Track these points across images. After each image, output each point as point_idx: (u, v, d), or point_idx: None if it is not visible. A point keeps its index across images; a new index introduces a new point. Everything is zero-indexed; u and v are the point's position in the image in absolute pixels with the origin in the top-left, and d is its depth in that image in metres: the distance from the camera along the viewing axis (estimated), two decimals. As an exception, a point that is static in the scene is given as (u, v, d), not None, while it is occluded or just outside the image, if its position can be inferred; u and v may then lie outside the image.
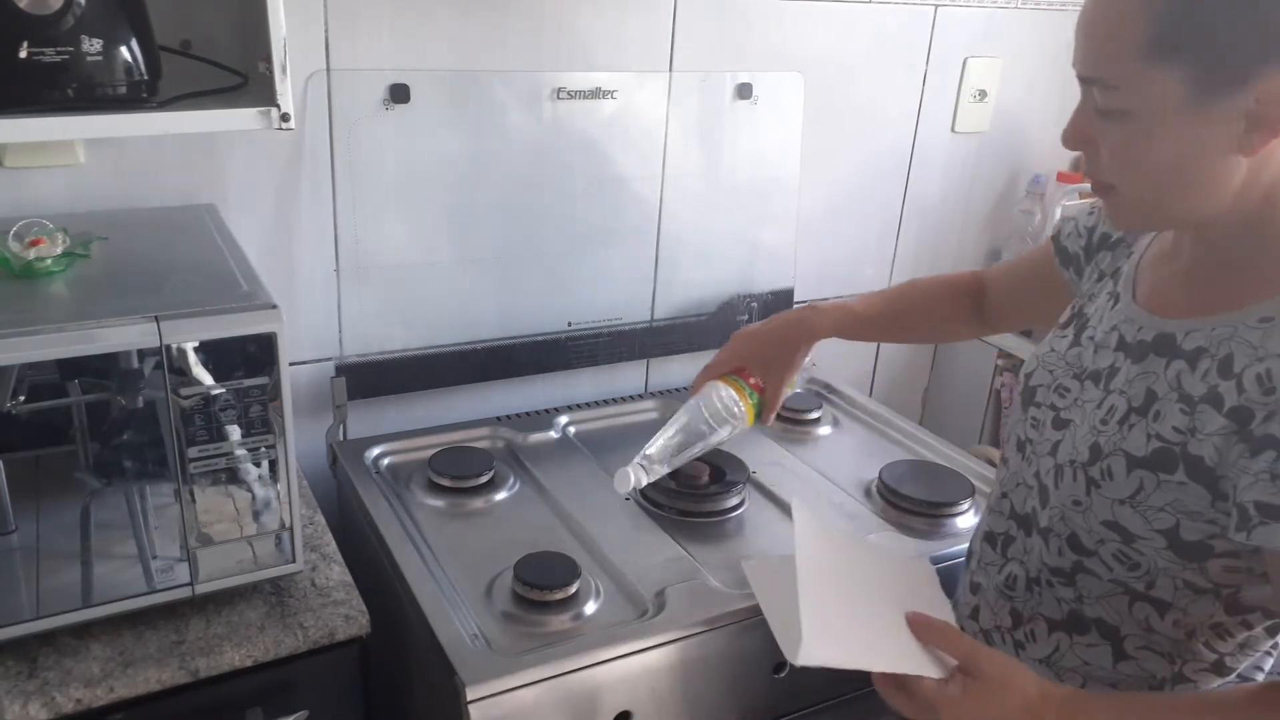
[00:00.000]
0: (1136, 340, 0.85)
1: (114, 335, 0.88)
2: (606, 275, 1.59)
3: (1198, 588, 0.81)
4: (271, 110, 1.04)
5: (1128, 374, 0.84)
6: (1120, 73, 0.72)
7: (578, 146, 1.49)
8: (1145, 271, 0.89)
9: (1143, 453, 0.80)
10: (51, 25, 0.93)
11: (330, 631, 1.03)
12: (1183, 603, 0.82)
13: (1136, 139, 0.74)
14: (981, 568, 1.00)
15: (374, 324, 1.44)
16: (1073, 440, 0.87)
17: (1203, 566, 0.79)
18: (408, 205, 1.41)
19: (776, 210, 1.70)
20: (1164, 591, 0.82)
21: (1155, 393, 0.81)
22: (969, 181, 1.92)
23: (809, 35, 1.63)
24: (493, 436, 1.50)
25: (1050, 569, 0.90)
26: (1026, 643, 0.93)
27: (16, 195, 1.18)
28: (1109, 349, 0.88)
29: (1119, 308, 0.89)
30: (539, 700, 1.00)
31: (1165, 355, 0.82)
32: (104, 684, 0.93)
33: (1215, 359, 0.77)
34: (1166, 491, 0.78)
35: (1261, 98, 0.69)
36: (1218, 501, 0.76)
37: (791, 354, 1.13)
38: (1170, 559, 0.80)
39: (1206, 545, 0.78)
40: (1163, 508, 0.79)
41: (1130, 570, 0.83)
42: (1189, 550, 0.79)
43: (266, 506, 1.00)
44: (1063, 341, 0.95)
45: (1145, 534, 0.81)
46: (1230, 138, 0.71)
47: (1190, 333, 0.80)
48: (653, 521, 1.29)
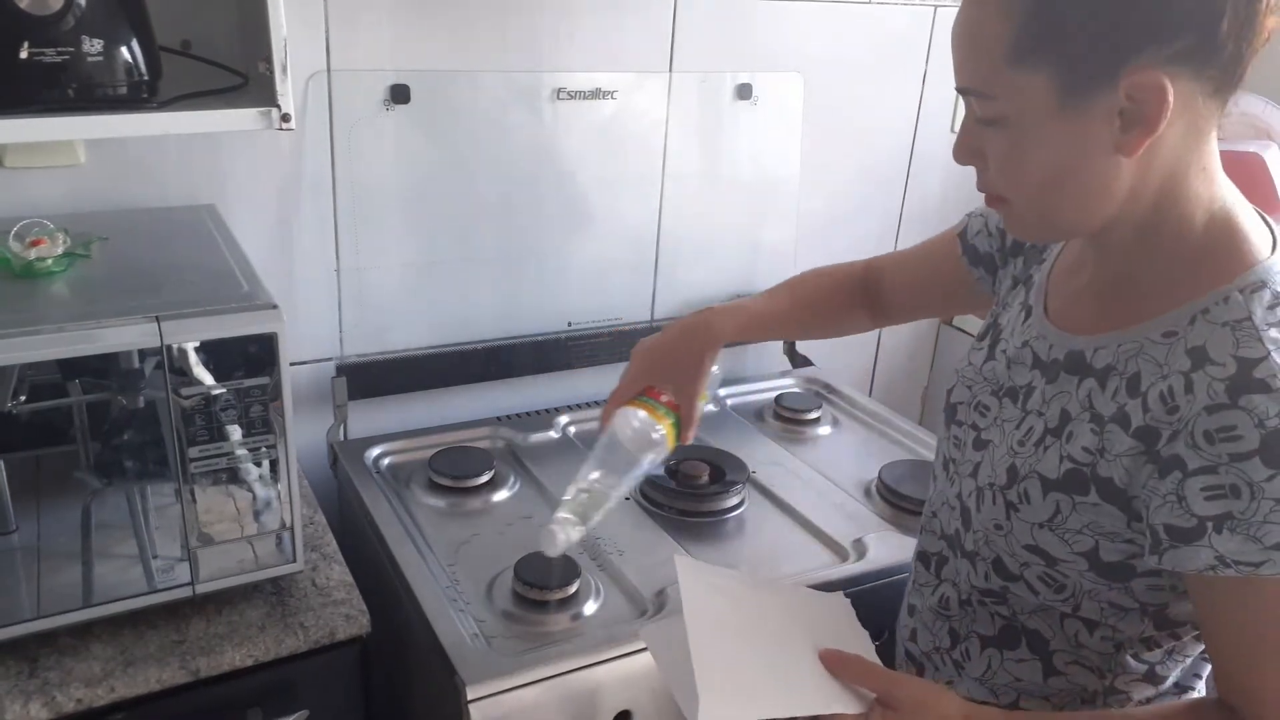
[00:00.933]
0: (1050, 359, 0.84)
1: (114, 335, 0.89)
2: (606, 275, 1.59)
3: (1124, 607, 0.80)
4: (272, 110, 1.04)
5: (1043, 394, 0.83)
6: (990, 80, 0.72)
7: (578, 146, 1.49)
8: (1055, 284, 0.88)
9: (1055, 475, 0.79)
10: (52, 25, 0.93)
11: (331, 631, 1.03)
12: (1111, 620, 0.81)
13: (1016, 146, 0.73)
14: (916, 589, 0.98)
15: (374, 324, 1.44)
16: (991, 462, 0.86)
17: (1127, 586, 0.78)
18: (408, 205, 1.41)
19: (776, 210, 1.70)
20: (1091, 612, 0.81)
21: (1069, 413, 0.80)
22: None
23: (809, 35, 1.63)
24: (493, 436, 1.50)
25: (980, 590, 0.88)
26: (964, 661, 0.92)
27: (17, 195, 1.19)
28: (1024, 366, 0.86)
29: (1030, 322, 0.88)
30: (539, 700, 1.00)
31: (1076, 374, 0.80)
32: (105, 683, 0.93)
33: (1124, 377, 0.76)
34: (1082, 513, 0.77)
35: (1131, 93, 0.67)
36: (1133, 522, 0.75)
37: (698, 362, 1.02)
38: (1094, 580, 0.79)
39: (1128, 565, 0.77)
40: (1080, 530, 0.78)
41: (1056, 593, 0.82)
42: (1111, 571, 0.78)
43: (267, 506, 1.00)
44: (979, 355, 0.93)
45: (1066, 557, 0.79)
46: (1107, 138, 0.70)
47: (1099, 350, 0.79)
48: (653, 521, 1.29)
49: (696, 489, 1.32)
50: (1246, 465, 0.67)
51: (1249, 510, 0.67)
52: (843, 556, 1.23)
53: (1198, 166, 0.73)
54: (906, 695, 0.80)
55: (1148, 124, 0.68)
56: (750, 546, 1.25)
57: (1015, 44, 0.69)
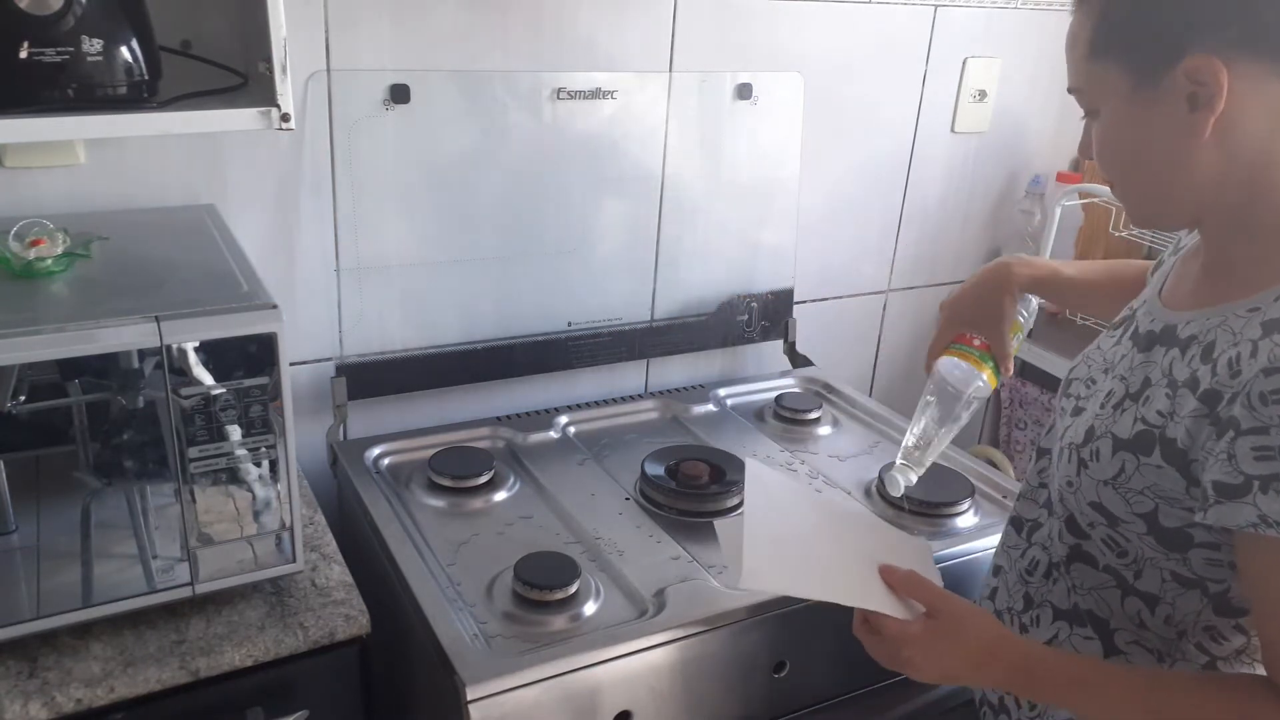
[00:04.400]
0: (1147, 330, 0.88)
1: (114, 335, 0.89)
2: (606, 275, 1.59)
3: (1183, 580, 0.82)
4: (272, 110, 1.04)
5: (1131, 362, 0.87)
6: (1080, 75, 0.82)
7: (578, 146, 1.49)
8: (1175, 268, 0.92)
9: (1127, 435, 0.82)
10: (52, 25, 0.93)
11: (330, 631, 1.03)
12: (1170, 596, 0.83)
13: (1105, 133, 0.81)
14: (1004, 551, 1.02)
15: (374, 324, 1.44)
16: (1077, 425, 0.90)
17: (1185, 557, 0.81)
18: (408, 205, 1.41)
19: (776, 210, 1.70)
20: (1151, 583, 0.84)
21: (1150, 379, 0.83)
22: (969, 181, 1.92)
23: (809, 35, 1.63)
24: (493, 436, 1.50)
25: (1056, 556, 0.92)
26: (1031, 626, 0.95)
27: (17, 195, 1.19)
28: (1128, 339, 0.91)
29: (1146, 302, 0.92)
30: (539, 700, 1.00)
31: (1165, 345, 0.84)
32: (104, 684, 0.93)
33: (1201, 345, 0.80)
34: (1145, 475, 0.80)
35: (1190, 76, 0.74)
36: (1191, 487, 0.77)
37: (999, 304, 1.11)
38: (1153, 546, 0.82)
39: (1185, 533, 0.79)
40: (1142, 491, 0.81)
41: (1119, 557, 0.85)
42: (1169, 538, 0.80)
43: (267, 506, 1.00)
44: (1109, 339, 0.97)
45: (1127, 517, 0.82)
46: (1178, 121, 0.76)
47: (1189, 323, 0.83)
48: (653, 521, 1.29)
49: (696, 489, 1.32)
50: None
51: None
52: (843, 556, 1.23)
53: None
54: (949, 609, 0.87)
55: (1210, 105, 0.74)
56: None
57: (1092, 41, 0.79)
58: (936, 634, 0.86)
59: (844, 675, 1.22)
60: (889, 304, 1.93)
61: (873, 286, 1.91)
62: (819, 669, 1.19)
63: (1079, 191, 1.81)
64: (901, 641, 0.86)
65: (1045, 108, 1.94)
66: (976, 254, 2.00)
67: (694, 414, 1.60)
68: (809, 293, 1.82)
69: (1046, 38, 1.87)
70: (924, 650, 0.86)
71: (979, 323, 1.11)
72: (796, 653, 1.16)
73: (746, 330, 1.74)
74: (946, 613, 0.87)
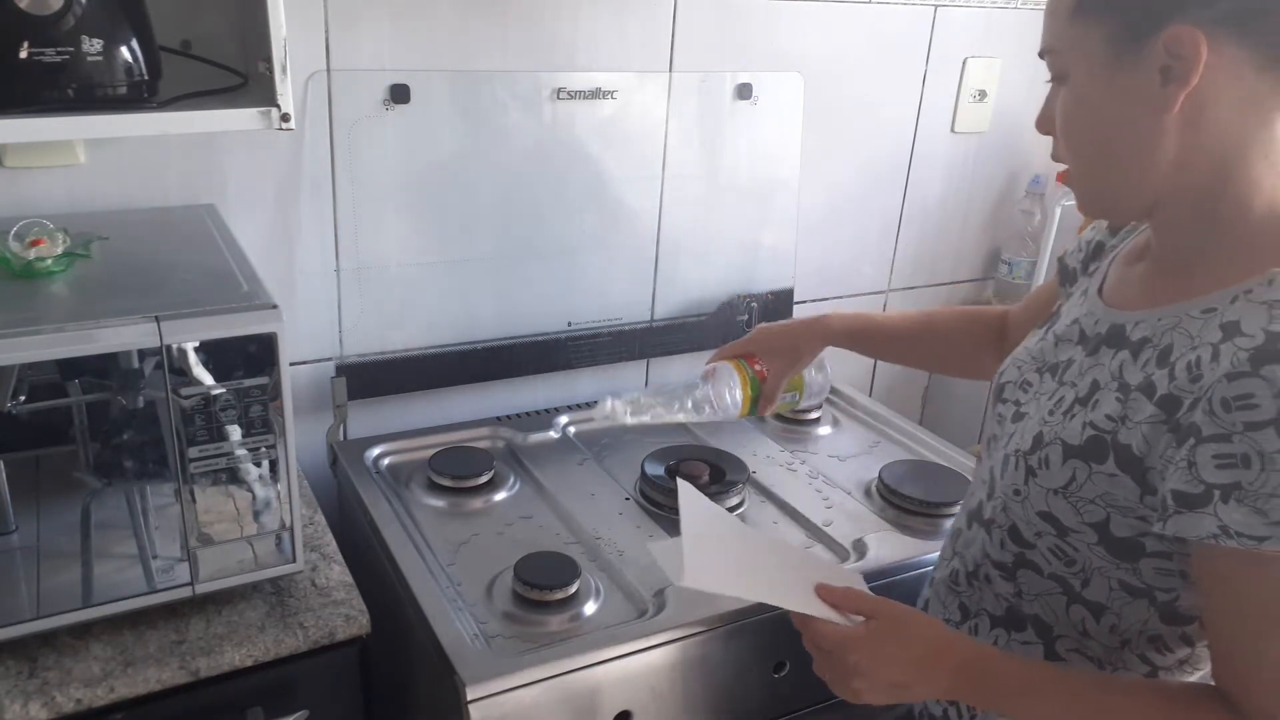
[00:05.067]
0: (1093, 333, 0.85)
1: (114, 335, 0.89)
2: (606, 275, 1.59)
3: (1132, 589, 0.80)
4: (272, 110, 1.04)
5: (1080, 366, 0.85)
6: (1058, 34, 0.78)
7: (578, 146, 1.49)
8: (1114, 268, 0.90)
9: (1078, 441, 0.80)
10: (52, 25, 0.93)
11: (330, 631, 1.03)
12: (1117, 605, 0.81)
13: (1073, 101, 0.78)
14: (939, 563, 1.01)
15: (374, 324, 1.44)
16: (1022, 431, 0.88)
17: (1135, 566, 0.79)
18: (408, 205, 1.41)
19: (776, 210, 1.70)
20: (1099, 593, 0.82)
21: (1099, 383, 0.81)
22: (969, 182, 1.92)
23: (809, 35, 1.63)
24: (493, 436, 1.50)
25: (993, 562, 0.90)
26: (972, 635, 0.93)
27: (17, 195, 1.19)
28: (1070, 342, 0.88)
29: (1084, 302, 0.90)
30: (539, 700, 1.00)
31: (1114, 347, 0.82)
32: (104, 684, 0.93)
33: (1156, 349, 0.77)
34: (1097, 483, 0.78)
35: (1169, 47, 0.71)
36: (1146, 496, 0.75)
37: (798, 348, 1.17)
38: (1102, 556, 0.80)
39: (1137, 543, 0.77)
40: (1094, 499, 0.79)
41: (1067, 566, 0.83)
42: (1120, 548, 0.79)
43: (267, 506, 1.00)
44: (1033, 338, 0.95)
45: (1077, 526, 0.80)
46: (1149, 94, 0.73)
47: (1139, 324, 0.80)
48: (653, 521, 1.29)
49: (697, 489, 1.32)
50: (1260, 435, 0.67)
51: (1258, 481, 0.67)
52: (843, 556, 1.23)
53: (1260, 152, 0.74)
54: (890, 612, 0.85)
55: (1183, 78, 0.71)
56: (750, 546, 1.25)
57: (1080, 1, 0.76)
58: (880, 635, 0.84)
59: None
60: (889, 304, 1.93)
61: (873, 286, 1.91)
62: (819, 669, 1.19)
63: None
64: (846, 647, 0.84)
65: (1045, 108, 1.93)
66: (976, 254, 2.00)
67: (694, 414, 1.60)
68: (809, 293, 1.82)
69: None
70: (869, 654, 0.83)
71: (773, 355, 1.18)
72: (796, 653, 1.15)
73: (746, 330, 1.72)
74: (888, 615, 0.85)
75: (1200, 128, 0.73)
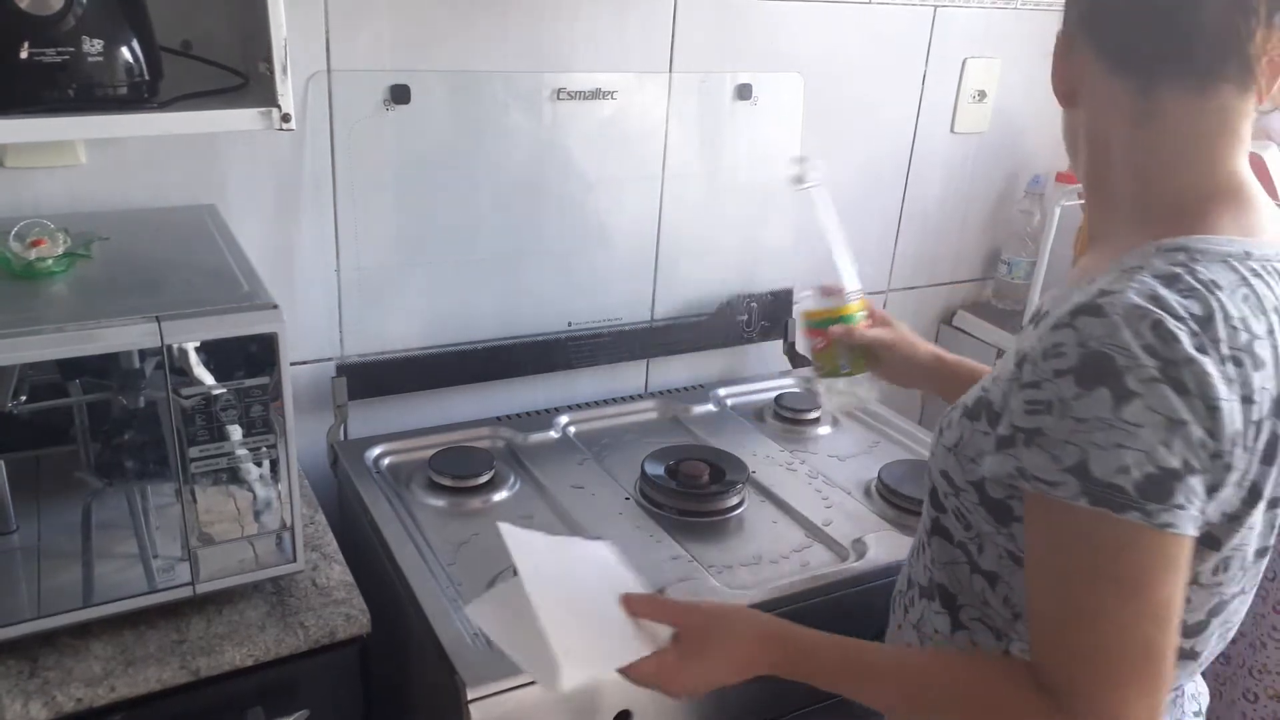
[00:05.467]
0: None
1: (115, 335, 0.89)
2: (606, 275, 1.59)
3: (1015, 558, 0.80)
4: (272, 110, 1.04)
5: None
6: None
7: (578, 147, 1.49)
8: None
9: (970, 402, 0.82)
10: (52, 26, 0.93)
11: (331, 631, 1.03)
12: (1006, 575, 0.82)
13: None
14: None
15: (374, 324, 1.44)
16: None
17: (1010, 532, 0.79)
18: (408, 205, 1.41)
19: (776, 210, 1.70)
20: (991, 560, 0.83)
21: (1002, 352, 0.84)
22: (968, 182, 1.92)
23: (809, 35, 1.63)
24: (493, 436, 1.50)
25: (926, 530, 0.91)
26: (910, 606, 0.94)
27: (17, 195, 1.19)
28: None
29: None
30: (539, 700, 1.00)
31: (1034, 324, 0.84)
32: (105, 683, 0.93)
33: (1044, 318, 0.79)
34: (975, 441, 0.80)
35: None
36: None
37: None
38: (985, 518, 0.81)
39: (1007, 505, 0.78)
40: (973, 458, 0.80)
41: (966, 530, 0.84)
42: (996, 510, 0.79)
43: (267, 506, 1.00)
44: None
45: (964, 485, 0.82)
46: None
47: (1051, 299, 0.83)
48: (653, 521, 1.29)
49: (696, 489, 1.32)
50: (1062, 383, 0.68)
51: (1055, 427, 0.68)
52: (843, 556, 1.23)
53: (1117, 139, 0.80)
54: (692, 623, 0.86)
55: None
56: (750, 546, 1.25)
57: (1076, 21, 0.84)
58: (693, 654, 0.85)
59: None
60: (889, 304, 1.93)
61: (873, 286, 1.91)
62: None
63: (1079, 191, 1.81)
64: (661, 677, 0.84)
65: (1045, 108, 1.91)
66: (976, 254, 2.00)
67: (694, 414, 1.60)
68: (809, 293, 1.82)
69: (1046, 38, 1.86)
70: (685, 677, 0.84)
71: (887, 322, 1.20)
72: (796, 652, 1.16)
73: (746, 330, 1.74)
74: (692, 627, 0.86)
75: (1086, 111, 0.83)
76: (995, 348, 1.87)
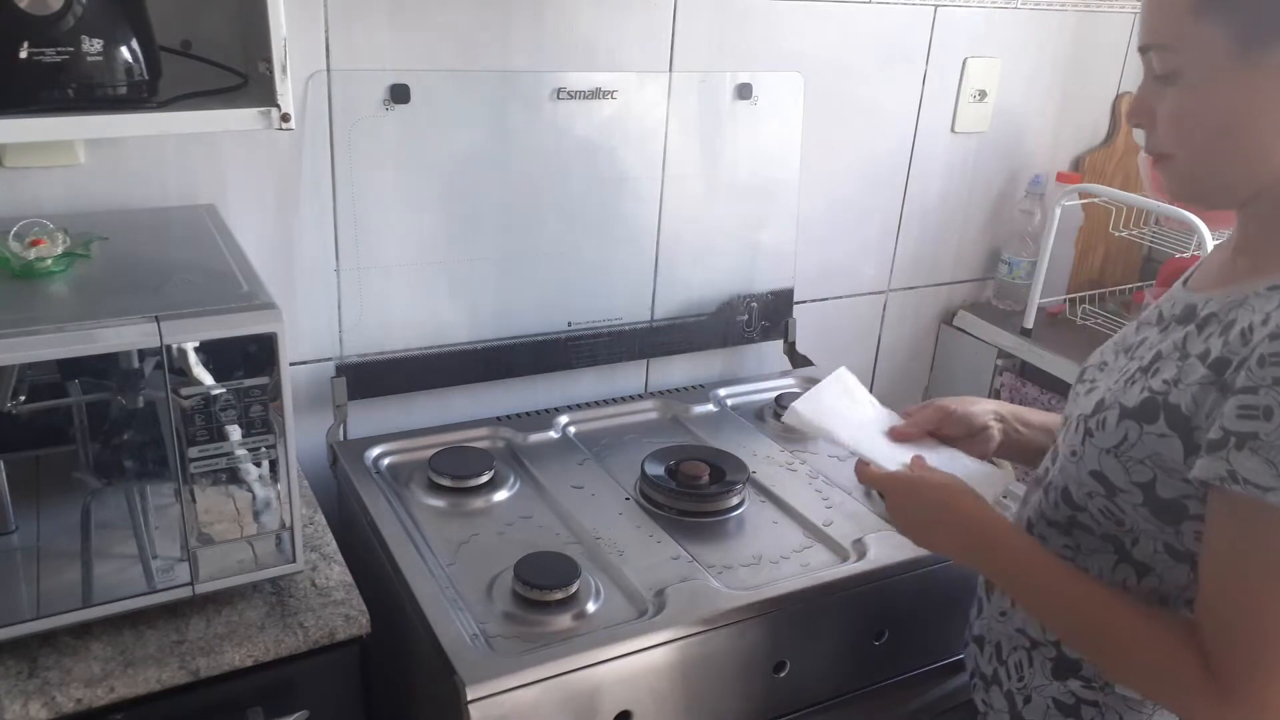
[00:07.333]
0: (1170, 314, 0.88)
1: (114, 335, 0.89)
2: (606, 275, 1.59)
3: (1175, 553, 0.82)
4: (272, 110, 1.04)
5: (1150, 343, 0.88)
6: (1171, 32, 0.76)
7: (578, 146, 1.49)
8: (1207, 259, 0.93)
9: (1134, 404, 0.82)
10: (52, 25, 0.93)
11: (330, 631, 1.03)
12: (1160, 568, 0.83)
13: (1190, 101, 0.77)
14: None
15: (374, 324, 1.44)
16: (1089, 400, 0.90)
17: (1178, 529, 0.81)
18: (408, 205, 1.41)
19: (776, 210, 1.70)
20: (1145, 553, 0.84)
21: (1161, 354, 0.84)
22: (969, 182, 1.92)
23: (809, 35, 1.63)
24: (493, 436, 1.50)
25: (1048, 521, 0.92)
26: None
27: (16, 195, 1.19)
28: (1149, 325, 0.91)
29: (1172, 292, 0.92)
30: (539, 700, 1.00)
31: (1184, 323, 0.84)
32: (104, 683, 0.93)
33: (1222, 323, 0.79)
34: (1147, 444, 0.80)
35: None
36: (1190, 456, 0.77)
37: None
38: (1147, 517, 0.82)
39: (1181, 505, 0.79)
40: (1142, 460, 0.81)
41: (1117, 526, 0.85)
42: (1164, 509, 0.80)
43: (267, 506, 1.00)
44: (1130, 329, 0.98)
45: (1125, 486, 0.82)
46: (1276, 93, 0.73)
47: (1209, 301, 0.83)
48: (653, 521, 1.29)
49: (696, 489, 1.32)
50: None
51: (1275, 434, 0.69)
52: (843, 556, 1.23)
53: None
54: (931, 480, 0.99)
55: None
56: (750, 547, 1.25)
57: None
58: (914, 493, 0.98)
59: (844, 675, 1.22)
60: (889, 304, 1.93)
61: (873, 286, 1.91)
62: (819, 669, 1.19)
63: (1079, 191, 1.81)
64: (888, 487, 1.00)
65: (1045, 108, 1.94)
66: (976, 254, 2.00)
67: (694, 414, 1.60)
68: (809, 293, 1.82)
69: (1046, 38, 1.87)
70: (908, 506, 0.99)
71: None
72: (796, 653, 1.16)
73: (746, 330, 1.74)
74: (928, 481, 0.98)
75: None
76: (995, 348, 1.87)
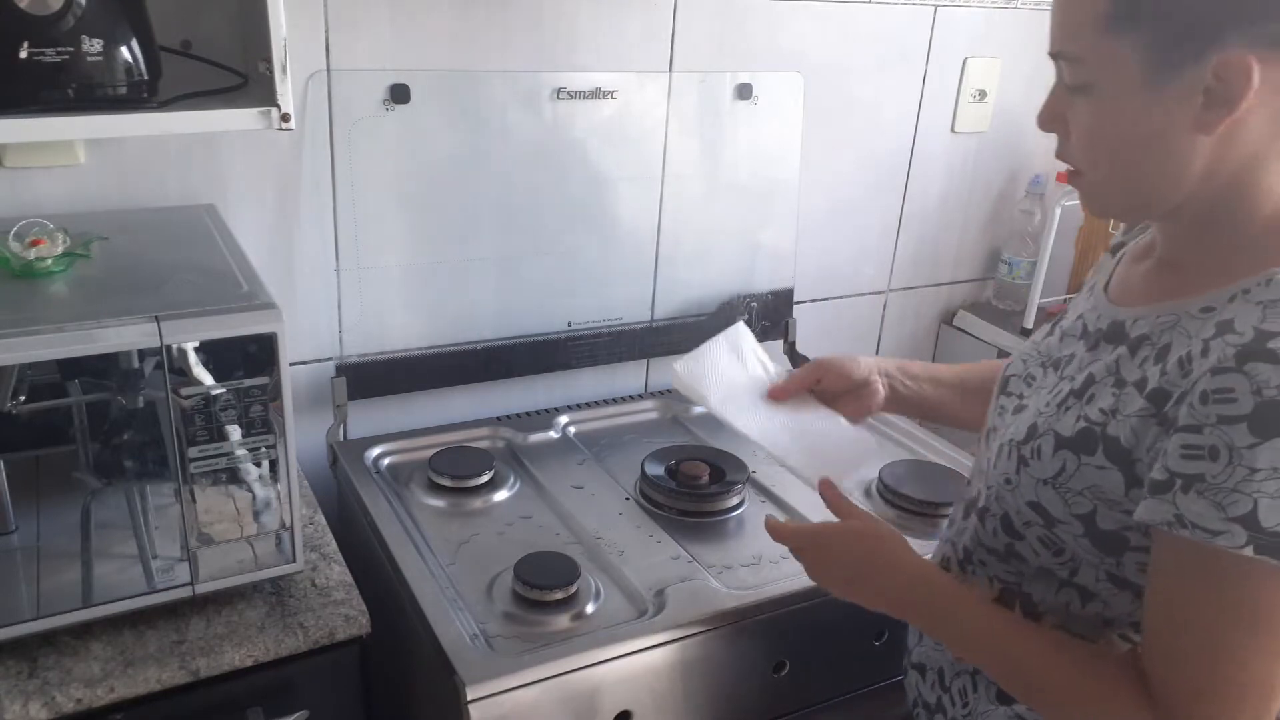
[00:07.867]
0: (1095, 329, 0.86)
1: (114, 335, 0.89)
2: (606, 275, 1.59)
3: (1118, 581, 0.80)
4: (272, 110, 1.04)
5: (1080, 361, 0.85)
6: (1082, 45, 0.75)
7: (578, 146, 1.49)
8: (1122, 266, 0.90)
9: (1070, 433, 0.80)
10: (52, 25, 0.93)
11: (330, 631, 1.03)
12: (1105, 595, 0.82)
13: (1100, 116, 0.75)
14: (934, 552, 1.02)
15: (374, 324, 1.44)
16: (1019, 422, 0.88)
17: (1119, 560, 0.79)
18: (408, 205, 1.41)
19: (776, 210, 1.70)
20: (1087, 580, 0.83)
21: (1094, 377, 0.81)
22: (969, 182, 1.92)
23: (809, 35, 1.63)
24: (493, 436, 1.50)
25: (987, 549, 0.90)
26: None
27: (16, 195, 1.19)
28: (1073, 337, 0.89)
29: (1090, 299, 0.90)
30: (539, 700, 1.00)
31: (1113, 342, 0.82)
32: (104, 684, 0.93)
33: (1155, 347, 0.77)
34: (1086, 475, 0.78)
35: (1219, 72, 0.69)
36: (1132, 489, 0.75)
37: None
38: (1088, 549, 0.80)
39: (1121, 536, 0.78)
40: (1081, 491, 0.79)
41: (1055, 556, 0.83)
42: (1105, 541, 0.79)
43: (267, 506, 1.00)
44: (1042, 333, 0.96)
45: (1064, 518, 0.81)
46: (1189, 115, 0.71)
47: (1138, 320, 0.80)
48: (653, 521, 1.29)
49: (696, 489, 1.32)
50: (1232, 429, 0.67)
51: (1222, 475, 0.67)
52: (843, 556, 1.23)
53: (1276, 157, 0.73)
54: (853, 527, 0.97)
55: (1230, 104, 0.69)
56: (750, 546, 1.25)
57: (1112, 12, 0.72)
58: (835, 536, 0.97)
59: (844, 675, 1.22)
60: (889, 304, 1.93)
61: (873, 286, 1.91)
62: (819, 669, 1.19)
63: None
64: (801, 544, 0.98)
65: (1045, 108, 1.93)
66: (976, 254, 2.00)
67: (694, 414, 1.60)
68: (809, 293, 1.82)
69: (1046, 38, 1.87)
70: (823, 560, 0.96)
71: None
72: (796, 653, 1.16)
73: (746, 330, 1.73)
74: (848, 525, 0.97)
75: (1232, 144, 0.72)
76: (995, 347, 1.87)
